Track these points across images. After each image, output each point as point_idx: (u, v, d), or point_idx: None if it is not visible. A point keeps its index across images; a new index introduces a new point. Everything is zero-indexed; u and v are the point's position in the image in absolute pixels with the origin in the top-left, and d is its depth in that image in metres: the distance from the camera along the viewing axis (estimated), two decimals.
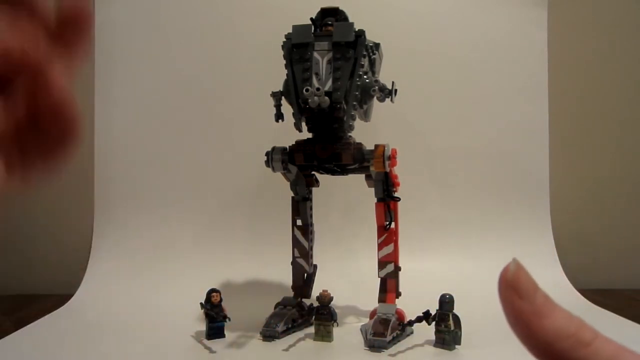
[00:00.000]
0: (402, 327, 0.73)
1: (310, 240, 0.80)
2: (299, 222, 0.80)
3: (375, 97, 0.69)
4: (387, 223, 0.76)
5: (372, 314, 0.77)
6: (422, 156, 1.09)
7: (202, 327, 0.76)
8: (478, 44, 1.09)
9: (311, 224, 0.81)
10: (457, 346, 0.70)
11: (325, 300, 0.73)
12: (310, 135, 0.74)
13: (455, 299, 0.70)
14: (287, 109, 0.72)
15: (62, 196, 1.11)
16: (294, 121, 0.69)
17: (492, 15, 1.09)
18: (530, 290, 0.20)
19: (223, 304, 0.74)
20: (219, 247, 1.05)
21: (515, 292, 0.20)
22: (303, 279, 0.81)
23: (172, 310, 0.86)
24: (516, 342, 0.20)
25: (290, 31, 0.69)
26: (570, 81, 1.12)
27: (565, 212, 1.11)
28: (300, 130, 0.70)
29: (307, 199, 0.80)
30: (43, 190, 1.11)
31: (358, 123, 0.72)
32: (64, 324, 0.83)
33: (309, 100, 0.65)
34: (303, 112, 0.68)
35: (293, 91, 0.67)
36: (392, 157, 0.71)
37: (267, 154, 0.74)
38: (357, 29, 0.67)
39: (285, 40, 0.69)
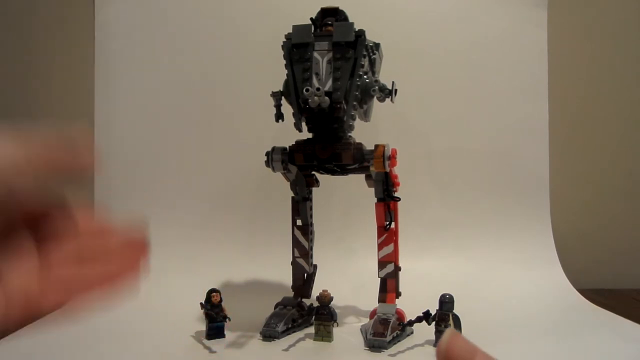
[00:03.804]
0: (402, 327, 0.73)
1: (310, 240, 0.80)
2: (299, 222, 0.80)
3: (375, 97, 0.69)
4: (387, 223, 0.76)
5: (372, 314, 0.77)
6: (423, 156, 1.09)
7: (202, 327, 0.75)
8: (478, 44, 1.09)
9: (311, 224, 0.81)
10: None
11: (325, 300, 0.73)
12: (310, 135, 0.74)
13: (455, 299, 0.70)
14: (287, 109, 0.72)
15: None
16: (294, 121, 0.69)
17: (492, 15, 1.09)
18: (466, 357, 0.19)
19: (223, 304, 0.74)
20: (219, 247, 1.05)
21: None
22: (303, 279, 0.81)
23: (172, 310, 0.86)
24: (515, 342, 0.19)
25: (290, 31, 0.69)
26: (570, 81, 1.12)
27: (565, 212, 1.11)
28: (300, 130, 0.70)
29: (307, 199, 0.80)
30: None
31: (358, 123, 0.72)
32: (63, 324, 0.83)
33: (309, 100, 0.65)
34: (303, 112, 0.68)
35: (293, 91, 0.67)
36: (392, 157, 0.71)
37: (267, 154, 0.74)
38: (357, 29, 0.67)
39: (285, 40, 0.69)
